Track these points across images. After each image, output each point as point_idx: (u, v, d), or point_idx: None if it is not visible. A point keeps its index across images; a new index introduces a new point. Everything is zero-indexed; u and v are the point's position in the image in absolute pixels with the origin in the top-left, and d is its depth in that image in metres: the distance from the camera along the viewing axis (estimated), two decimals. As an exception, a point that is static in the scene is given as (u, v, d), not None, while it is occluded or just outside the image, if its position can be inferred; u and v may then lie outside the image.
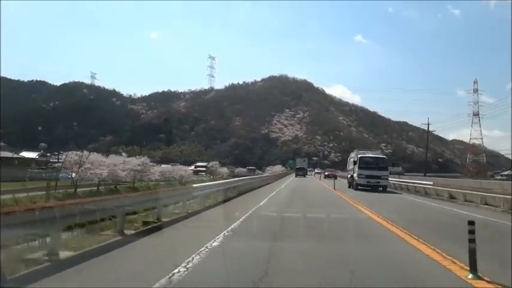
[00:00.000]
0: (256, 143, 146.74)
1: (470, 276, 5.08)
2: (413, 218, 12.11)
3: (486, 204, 17.51)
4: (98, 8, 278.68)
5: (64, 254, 5.73)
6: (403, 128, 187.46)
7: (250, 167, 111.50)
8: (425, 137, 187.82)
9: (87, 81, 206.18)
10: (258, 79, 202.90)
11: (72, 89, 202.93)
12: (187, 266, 5.32)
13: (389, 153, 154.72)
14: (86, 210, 6.49)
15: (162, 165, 42.01)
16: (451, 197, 21.22)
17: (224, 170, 63.90)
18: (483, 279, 4.98)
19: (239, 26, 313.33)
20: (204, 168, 62.50)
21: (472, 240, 5.23)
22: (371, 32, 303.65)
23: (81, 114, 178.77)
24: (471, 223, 5.35)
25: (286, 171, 78.15)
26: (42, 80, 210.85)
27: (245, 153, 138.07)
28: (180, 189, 12.57)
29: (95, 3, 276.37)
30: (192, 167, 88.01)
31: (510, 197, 15.69)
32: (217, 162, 59.86)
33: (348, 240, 8.09)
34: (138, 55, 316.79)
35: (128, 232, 7.84)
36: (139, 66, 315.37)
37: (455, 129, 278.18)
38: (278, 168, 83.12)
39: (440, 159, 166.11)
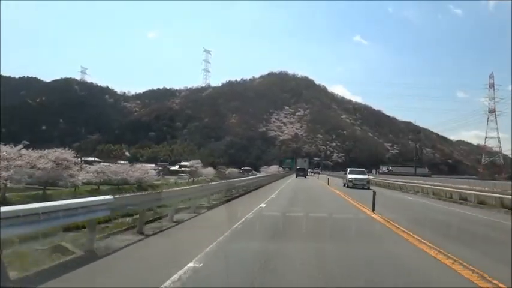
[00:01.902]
0: (253, 142, 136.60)
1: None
2: None
3: None
4: (95, 7, 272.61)
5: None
6: (410, 127, 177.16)
7: (245, 168, 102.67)
8: (433, 137, 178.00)
9: (78, 76, 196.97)
10: (257, 76, 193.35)
11: (63, 86, 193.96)
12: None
13: (396, 154, 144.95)
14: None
15: (114, 164, 31.91)
16: None
17: (209, 171, 53.78)
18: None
19: (238, 26, 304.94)
20: (188, 169, 52.12)
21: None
22: (370, 33, 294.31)
23: (70, 111, 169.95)
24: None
25: (283, 172, 67.68)
26: (34, 76, 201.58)
27: (241, 153, 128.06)
28: None
29: (93, 3, 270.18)
30: (176, 167, 78.26)
31: None
32: (199, 161, 49.57)
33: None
34: (134, 53, 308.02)
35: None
36: (135, 64, 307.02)
37: (456, 131, 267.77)
38: (274, 169, 72.93)
39: (449, 160, 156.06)
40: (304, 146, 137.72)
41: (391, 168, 61.53)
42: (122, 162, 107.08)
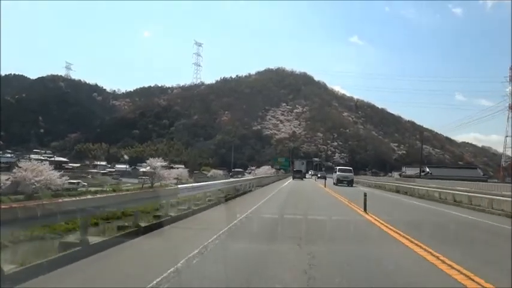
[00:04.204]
0: (246, 141, 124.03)
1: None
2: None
3: None
4: (89, 6, 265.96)
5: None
6: (416, 127, 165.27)
7: (237, 169, 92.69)
8: (440, 137, 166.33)
9: (62, 73, 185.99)
10: (253, 72, 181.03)
11: (49, 83, 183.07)
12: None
13: (402, 155, 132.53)
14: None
15: None
16: None
17: (178, 173, 41.51)
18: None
19: (234, 25, 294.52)
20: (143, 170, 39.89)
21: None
22: (367, 33, 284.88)
23: (52, 109, 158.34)
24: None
25: (276, 174, 55.22)
26: (20, 74, 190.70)
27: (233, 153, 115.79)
28: None
29: (87, 2, 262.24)
30: (148, 168, 66.24)
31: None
32: (159, 160, 37.28)
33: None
34: (128, 52, 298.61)
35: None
36: (128, 63, 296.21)
37: (455, 133, 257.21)
38: (263, 170, 60.70)
39: (460, 162, 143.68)
40: (302, 145, 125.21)
41: (428, 170, 46.15)
42: (98, 163, 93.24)
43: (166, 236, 7.46)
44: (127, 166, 60.75)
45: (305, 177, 61.56)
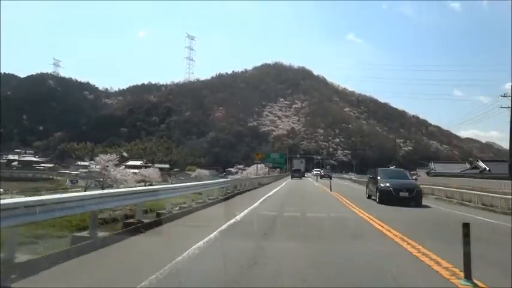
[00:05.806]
0: (242, 138, 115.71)
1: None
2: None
3: None
4: (86, 6, 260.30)
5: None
6: (421, 121, 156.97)
7: (229, 169, 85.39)
8: (446, 133, 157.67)
9: (50, 70, 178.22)
10: (249, 68, 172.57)
11: (37, 80, 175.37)
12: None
13: (409, 151, 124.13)
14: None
15: None
16: None
17: (147, 173, 33.24)
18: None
19: (232, 23, 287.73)
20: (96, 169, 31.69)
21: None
22: (364, 31, 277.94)
23: (38, 107, 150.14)
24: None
25: (266, 175, 46.62)
26: (11, 73, 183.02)
27: (227, 151, 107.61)
28: None
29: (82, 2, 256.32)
30: (121, 167, 58.20)
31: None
32: (111, 157, 28.89)
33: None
34: (123, 51, 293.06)
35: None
36: (124, 62, 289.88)
37: (457, 129, 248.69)
38: (253, 169, 52.58)
39: (470, 159, 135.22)
40: (302, 142, 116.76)
41: (484, 165, 34.77)
42: (82, 163, 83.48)
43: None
44: (95, 166, 53.75)
45: (304, 176, 56.81)
